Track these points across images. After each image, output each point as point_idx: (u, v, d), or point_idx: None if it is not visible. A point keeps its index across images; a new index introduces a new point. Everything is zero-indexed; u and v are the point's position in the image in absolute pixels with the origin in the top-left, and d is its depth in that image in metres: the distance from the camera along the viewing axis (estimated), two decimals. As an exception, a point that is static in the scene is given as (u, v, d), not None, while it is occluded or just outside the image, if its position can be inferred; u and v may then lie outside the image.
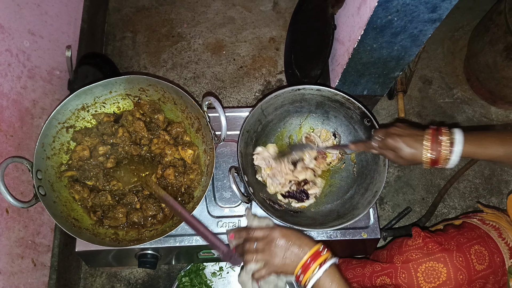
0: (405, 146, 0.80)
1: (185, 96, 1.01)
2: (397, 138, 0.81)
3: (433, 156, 0.77)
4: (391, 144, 0.82)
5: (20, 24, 1.10)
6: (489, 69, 1.47)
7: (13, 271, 1.00)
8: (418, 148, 0.79)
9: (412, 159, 0.80)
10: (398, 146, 0.81)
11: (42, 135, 0.95)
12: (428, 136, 0.79)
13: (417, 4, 0.88)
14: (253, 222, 0.91)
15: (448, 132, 0.78)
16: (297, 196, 1.06)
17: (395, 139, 0.81)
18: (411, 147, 0.79)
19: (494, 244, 0.86)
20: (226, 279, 1.30)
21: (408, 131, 0.82)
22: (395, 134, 0.82)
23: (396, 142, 0.81)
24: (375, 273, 0.90)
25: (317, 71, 1.26)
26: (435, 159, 0.78)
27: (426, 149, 0.78)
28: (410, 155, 0.80)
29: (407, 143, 0.80)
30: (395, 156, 0.83)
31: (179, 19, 1.73)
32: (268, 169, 1.08)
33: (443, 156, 0.77)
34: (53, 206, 0.93)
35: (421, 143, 0.79)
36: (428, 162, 0.79)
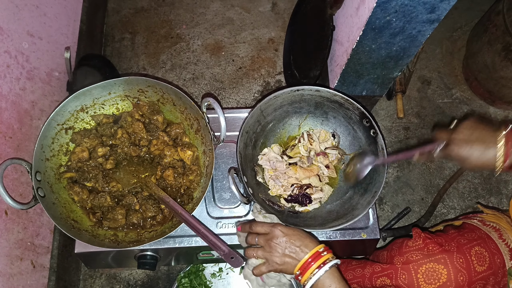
0: (474, 155, 0.72)
1: (184, 97, 1.01)
2: (464, 146, 0.73)
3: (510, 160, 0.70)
4: (456, 153, 0.74)
5: (18, 25, 1.10)
6: (488, 69, 1.47)
7: (12, 273, 1.00)
8: (488, 155, 0.71)
9: (483, 167, 0.73)
10: (465, 155, 0.73)
11: (41, 137, 0.95)
12: (501, 138, 0.71)
13: (415, 4, 0.88)
14: (259, 217, 0.91)
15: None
16: (300, 200, 1.06)
17: (461, 147, 0.73)
18: (482, 155, 0.71)
19: (494, 245, 0.86)
20: (226, 280, 1.30)
21: (476, 133, 0.73)
22: (460, 140, 0.74)
23: (463, 150, 0.73)
24: (375, 274, 0.90)
25: (316, 72, 1.26)
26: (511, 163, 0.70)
27: (500, 157, 0.70)
28: (481, 162, 0.72)
29: (476, 151, 0.72)
30: (464, 163, 0.75)
31: (178, 20, 1.74)
32: (271, 171, 1.08)
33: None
34: (52, 208, 0.93)
35: (493, 149, 0.71)
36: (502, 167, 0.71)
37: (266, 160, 1.08)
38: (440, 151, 0.78)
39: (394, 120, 1.59)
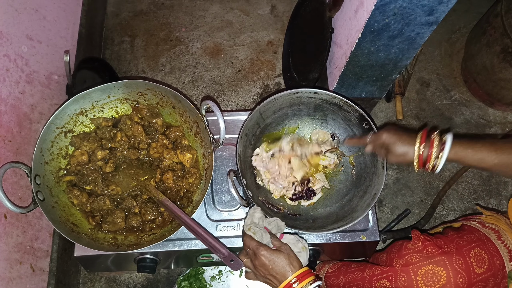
0: (398, 143, 0.82)
1: (184, 100, 1.01)
2: (392, 133, 0.84)
3: (423, 154, 0.80)
4: (385, 139, 0.85)
5: (18, 29, 1.10)
6: (486, 71, 1.48)
7: (12, 277, 0.99)
8: (409, 147, 0.81)
9: (403, 157, 0.83)
10: (391, 142, 0.83)
11: (40, 140, 0.95)
12: (420, 135, 0.81)
13: (414, 7, 0.88)
14: (254, 215, 0.91)
15: (439, 133, 0.80)
16: (305, 196, 1.06)
17: (389, 133, 0.84)
18: (404, 143, 0.82)
19: (493, 247, 0.86)
20: (226, 283, 1.30)
21: (402, 131, 0.85)
22: (390, 130, 0.85)
23: (390, 138, 0.84)
24: (375, 277, 0.90)
25: (315, 74, 1.26)
26: (425, 159, 0.80)
27: (418, 147, 0.80)
28: (402, 151, 0.82)
29: (400, 140, 0.83)
30: (387, 153, 0.86)
31: (177, 23, 1.74)
32: (268, 174, 1.07)
33: (433, 156, 0.78)
34: (51, 211, 0.93)
35: (413, 142, 0.81)
36: (418, 162, 0.81)
37: (260, 161, 1.07)
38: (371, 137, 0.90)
39: (393, 122, 1.59)
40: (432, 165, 0.80)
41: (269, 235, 0.89)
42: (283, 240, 0.89)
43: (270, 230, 0.91)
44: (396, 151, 0.83)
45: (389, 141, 0.84)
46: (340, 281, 1.00)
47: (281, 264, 0.81)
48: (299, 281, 0.79)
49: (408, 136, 0.83)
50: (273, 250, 0.83)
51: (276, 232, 0.92)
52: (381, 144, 0.87)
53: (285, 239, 0.90)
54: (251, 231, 0.88)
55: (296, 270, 0.81)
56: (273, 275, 0.82)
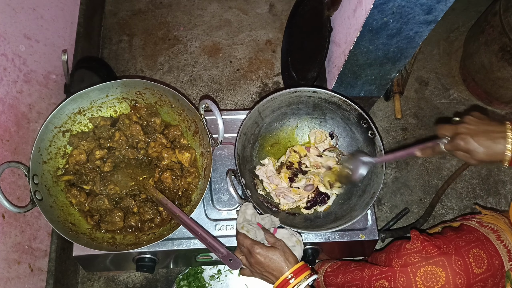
0: (480, 148, 0.70)
1: (182, 99, 1.01)
2: (469, 139, 0.71)
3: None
4: (462, 146, 0.72)
5: (15, 28, 1.10)
6: (485, 69, 1.48)
7: (10, 277, 0.99)
8: (496, 148, 0.69)
9: (490, 160, 0.71)
10: (471, 148, 0.71)
11: (38, 140, 0.95)
12: (509, 131, 0.70)
13: (412, 6, 0.88)
14: (246, 212, 0.91)
15: None
16: (320, 201, 1.06)
17: (466, 141, 0.71)
18: (488, 148, 0.70)
19: (492, 247, 0.86)
20: (225, 282, 1.29)
21: (481, 127, 0.72)
22: (466, 134, 0.72)
23: (468, 143, 0.71)
24: (374, 277, 0.90)
25: (313, 73, 1.26)
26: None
27: (510, 146, 0.68)
28: (487, 156, 0.70)
29: (482, 144, 0.70)
30: (468, 157, 0.73)
31: (175, 22, 1.73)
32: (273, 187, 1.06)
33: None
34: (49, 211, 0.93)
35: (499, 141, 0.69)
36: (510, 162, 0.70)
37: (264, 172, 1.07)
38: (446, 145, 0.76)
39: (392, 121, 1.60)
40: None
41: (262, 231, 0.89)
42: (277, 235, 0.90)
43: (264, 225, 0.91)
44: (481, 158, 0.71)
45: (467, 148, 0.71)
46: (339, 281, 1.00)
47: (277, 261, 0.81)
48: (296, 277, 0.80)
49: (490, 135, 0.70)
50: (268, 247, 0.83)
51: (269, 227, 0.92)
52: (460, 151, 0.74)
53: (279, 233, 0.91)
54: (245, 229, 0.88)
55: (292, 266, 0.81)
56: (269, 271, 0.82)
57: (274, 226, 0.93)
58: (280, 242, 0.86)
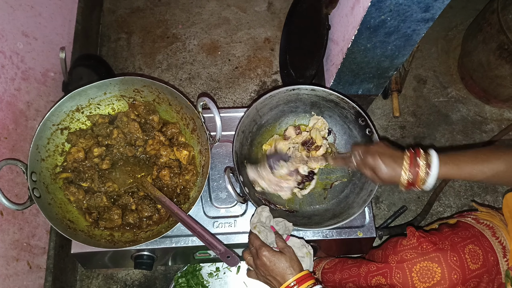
0: (384, 167, 0.79)
1: (180, 97, 1.01)
2: (377, 157, 0.80)
3: (411, 178, 0.77)
4: (370, 162, 0.82)
5: (13, 25, 1.10)
6: (483, 68, 1.48)
7: (8, 274, 0.99)
8: (396, 169, 0.78)
9: (390, 179, 0.80)
10: (377, 165, 0.80)
11: (36, 137, 0.95)
12: (407, 158, 0.79)
13: (410, 3, 0.88)
14: (262, 214, 0.92)
15: (425, 154, 0.78)
16: (308, 179, 1.08)
17: (374, 158, 0.81)
18: (390, 167, 0.79)
19: (488, 243, 0.86)
20: (223, 279, 1.30)
21: (388, 150, 0.82)
22: (375, 152, 0.82)
23: (375, 160, 0.80)
24: (370, 273, 0.90)
25: (312, 71, 1.26)
26: (412, 182, 0.78)
27: (405, 172, 0.77)
28: (388, 175, 0.79)
29: (386, 164, 0.79)
30: (373, 175, 0.83)
31: (174, 20, 1.73)
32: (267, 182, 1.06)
33: (420, 178, 0.77)
34: (48, 208, 0.93)
35: (400, 165, 0.78)
36: (405, 184, 0.79)
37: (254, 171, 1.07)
38: (357, 159, 0.86)
39: (390, 119, 1.60)
40: (421, 185, 0.78)
41: (274, 235, 0.89)
42: (289, 243, 0.89)
43: (277, 230, 0.91)
44: (383, 176, 0.80)
45: (374, 165, 0.81)
46: (336, 277, 1.01)
47: (282, 266, 0.81)
48: (299, 285, 0.79)
49: (393, 158, 0.80)
50: (275, 252, 0.83)
51: (283, 233, 0.92)
52: (367, 167, 0.84)
53: (291, 241, 0.90)
54: (256, 230, 0.88)
55: (296, 273, 0.80)
56: (273, 276, 0.82)
57: (288, 233, 0.93)
58: (289, 249, 0.85)
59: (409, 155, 0.79)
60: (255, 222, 0.90)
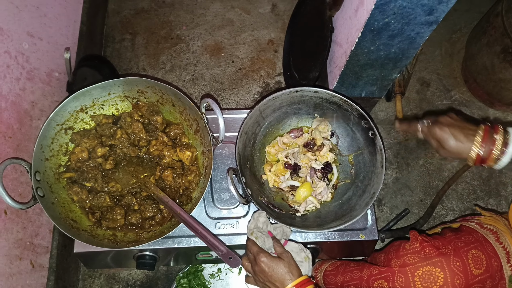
0: (452, 139, 0.76)
1: (184, 98, 1.02)
2: (446, 128, 0.77)
3: (483, 154, 0.73)
4: (437, 133, 0.78)
5: (19, 26, 1.10)
6: (487, 71, 1.48)
7: (12, 273, 1.00)
8: (466, 143, 0.75)
9: (457, 153, 0.76)
10: (445, 136, 0.77)
11: (40, 137, 0.95)
12: (481, 132, 0.75)
13: (413, 6, 0.88)
14: (259, 220, 0.92)
15: (503, 131, 0.74)
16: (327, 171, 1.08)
17: (443, 129, 0.77)
18: (459, 141, 0.75)
19: (491, 248, 0.86)
20: (225, 280, 1.30)
21: (459, 123, 0.78)
22: (444, 124, 0.78)
23: (444, 132, 0.77)
24: (373, 277, 0.90)
25: (315, 73, 1.26)
26: (484, 158, 0.74)
27: (476, 146, 0.74)
28: (456, 148, 0.76)
29: (456, 136, 0.76)
30: (439, 146, 0.79)
31: (178, 21, 1.74)
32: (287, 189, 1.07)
33: (493, 156, 0.73)
34: (51, 208, 0.94)
35: (471, 139, 0.74)
36: (474, 160, 0.75)
37: None
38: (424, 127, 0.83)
39: (393, 122, 1.60)
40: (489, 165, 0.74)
41: (271, 240, 0.88)
42: (287, 248, 0.89)
43: (275, 235, 0.91)
44: (450, 148, 0.77)
45: (442, 135, 0.77)
46: (338, 280, 1.01)
47: (280, 272, 0.80)
48: None
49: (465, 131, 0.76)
50: (273, 257, 0.83)
51: (281, 238, 0.91)
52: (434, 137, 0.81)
53: (289, 246, 0.90)
54: (254, 236, 0.88)
55: (295, 279, 0.80)
56: (272, 282, 0.81)
57: (286, 237, 0.93)
58: (287, 254, 0.85)
59: (484, 130, 0.75)
60: (252, 228, 0.90)
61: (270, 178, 1.09)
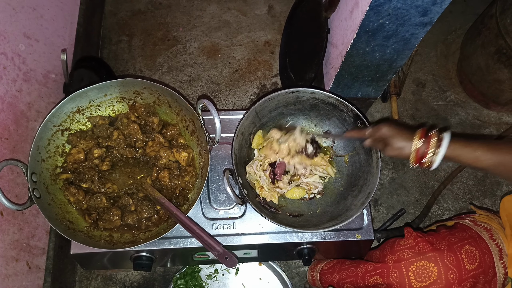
0: (397, 137, 0.82)
1: (180, 99, 1.02)
2: (391, 129, 0.84)
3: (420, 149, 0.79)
4: (384, 132, 0.84)
5: (15, 27, 1.11)
6: (481, 72, 1.49)
7: (8, 274, 1.00)
8: (408, 141, 0.81)
9: (400, 151, 0.82)
10: (390, 135, 0.83)
11: (37, 138, 0.96)
12: (418, 132, 0.81)
13: (408, 8, 0.89)
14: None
15: (437, 131, 0.80)
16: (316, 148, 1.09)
17: (389, 129, 0.84)
18: (402, 139, 0.82)
19: (485, 245, 0.87)
20: (221, 281, 1.30)
21: (401, 127, 0.85)
22: (390, 125, 0.85)
23: (389, 131, 0.83)
24: (368, 273, 0.91)
25: (311, 74, 1.27)
26: (422, 155, 0.79)
27: (416, 143, 0.79)
28: (400, 146, 0.82)
29: (399, 134, 0.82)
30: (385, 146, 0.85)
31: (174, 23, 1.74)
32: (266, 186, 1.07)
33: (429, 152, 0.78)
34: (48, 209, 0.94)
35: (411, 137, 0.81)
36: (414, 157, 0.80)
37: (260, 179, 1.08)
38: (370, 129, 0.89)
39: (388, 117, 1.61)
40: (428, 162, 0.79)
41: None
42: None
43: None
44: (394, 144, 0.83)
45: (388, 134, 0.84)
46: (334, 278, 1.01)
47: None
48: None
49: (407, 131, 0.83)
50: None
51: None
52: (379, 137, 0.87)
53: None
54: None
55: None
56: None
57: None
58: None
59: (422, 129, 0.81)
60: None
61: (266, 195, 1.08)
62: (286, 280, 1.28)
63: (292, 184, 1.08)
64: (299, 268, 1.39)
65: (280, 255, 1.21)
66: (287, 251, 1.09)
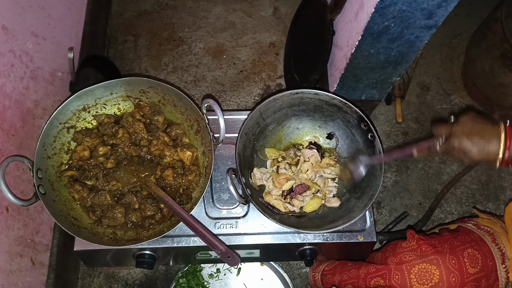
0: (474, 148, 0.71)
1: (185, 99, 1.03)
2: (463, 139, 0.72)
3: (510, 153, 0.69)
4: (457, 146, 0.73)
5: (23, 26, 1.12)
6: (486, 75, 1.49)
7: (12, 269, 1.01)
8: (489, 148, 0.70)
9: (483, 160, 0.73)
10: (465, 148, 0.72)
11: (43, 135, 0.97)
12: (502, 133, 0.71)
13: (413, 10, 0.89)
14: None
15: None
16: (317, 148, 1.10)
17: (460, 140, 0.73)
18: (482, 148, 0.71)
19: (487, 249, 0.87)
20: (223, 280, 1.31)
21: (476, 126, 0.73)
22: (460, 134, 0.73)
23: (462, 143, 0.72)
24: (370, 275, 0.91)
25: (316, 76, 1.27)
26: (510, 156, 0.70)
27: (502, 150, 0.70)
28: (481, 156, 0.72)
29: (476, 144, 0.71)
30: (464, 156, 0.74)
31: (180, 23, 1.76)
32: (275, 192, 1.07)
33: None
34: (52, 205, 0.95)
35: (492, 142, 0.70)
36: (502, 162, 0.71)
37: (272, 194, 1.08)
38: (441, 145, 0.77)
39: (393, 125, 1.61)
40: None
41: None
42: None
43: None
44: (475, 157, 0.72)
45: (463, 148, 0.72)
46: (335, 279, 1.01)
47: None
48: None
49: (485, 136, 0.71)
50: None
51: None
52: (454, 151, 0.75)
53: None
54: None
55: None
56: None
57: None
58: None
59: (506, 131, 0.70)
60: None
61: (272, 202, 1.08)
62: (288, 281, 1.28)
63: (307, 199, 1.06)
64: (300, 269, 1.40)
65: (282, 256, 1.21)
66: (289, 251, 1.09)
